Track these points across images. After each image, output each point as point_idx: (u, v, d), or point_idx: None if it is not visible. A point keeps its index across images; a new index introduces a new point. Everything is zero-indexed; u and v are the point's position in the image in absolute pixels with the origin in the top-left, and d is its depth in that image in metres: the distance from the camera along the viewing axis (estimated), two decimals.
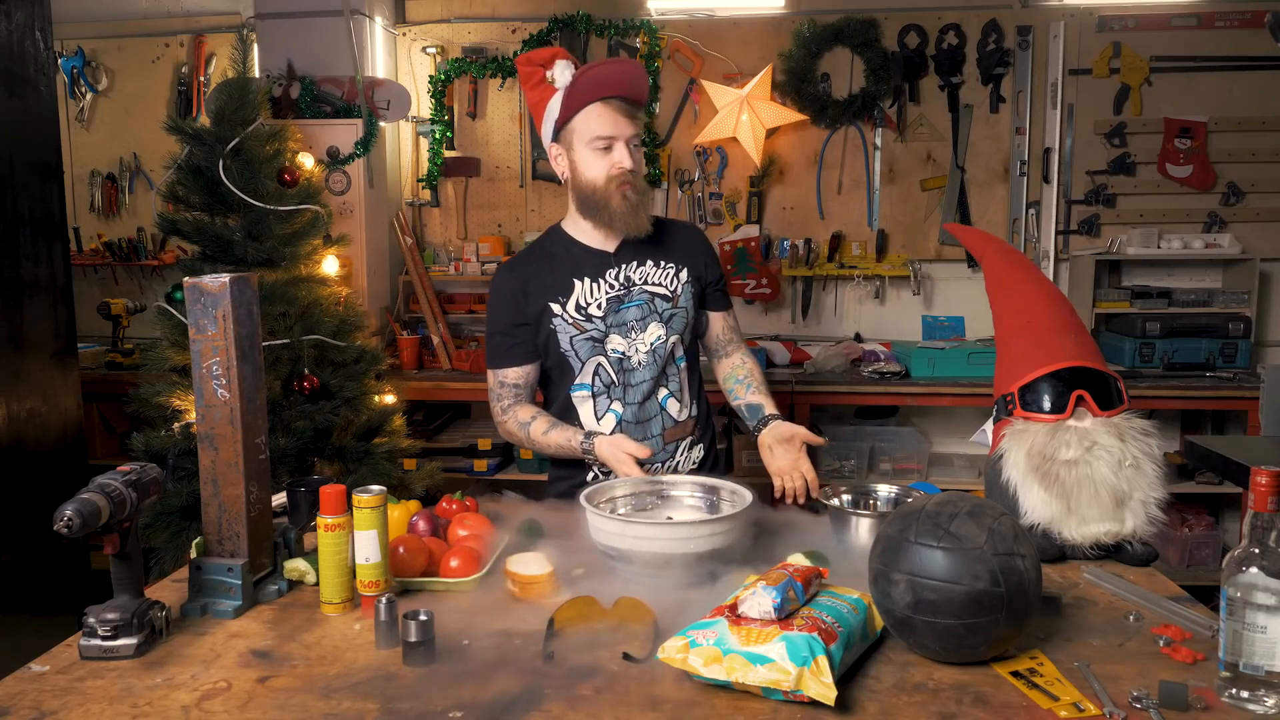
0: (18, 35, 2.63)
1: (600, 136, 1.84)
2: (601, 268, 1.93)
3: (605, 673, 1.14)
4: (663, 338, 1.92)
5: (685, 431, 1.98)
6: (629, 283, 1.93)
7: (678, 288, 1.96)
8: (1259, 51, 3.62)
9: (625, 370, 1.91)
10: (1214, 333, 3.49)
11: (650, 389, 1.92)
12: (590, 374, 1.92)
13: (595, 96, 1.83)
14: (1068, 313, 1.64)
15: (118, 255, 4.02)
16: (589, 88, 1.84)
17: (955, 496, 1.20)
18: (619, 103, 1.84)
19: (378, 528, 1.33)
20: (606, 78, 1.84)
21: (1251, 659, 1.03)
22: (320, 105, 3.60)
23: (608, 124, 1.83)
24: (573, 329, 1.90)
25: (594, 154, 1.86)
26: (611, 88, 1.84)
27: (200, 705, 1.08)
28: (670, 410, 1.95)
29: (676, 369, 1.97)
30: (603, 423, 1.93)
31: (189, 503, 2.58)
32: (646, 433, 1.93)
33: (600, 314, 1.90)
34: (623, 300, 1.92)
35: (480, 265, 3.86)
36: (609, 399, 1.93)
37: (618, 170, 1.85)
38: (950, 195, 3.78)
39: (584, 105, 1.84)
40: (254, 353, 1.39)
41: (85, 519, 1.15)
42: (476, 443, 3.60)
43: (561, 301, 1.91)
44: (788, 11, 3.69)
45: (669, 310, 1.94)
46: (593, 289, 1.92)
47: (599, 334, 1.90)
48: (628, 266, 1.94)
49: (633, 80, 1.87)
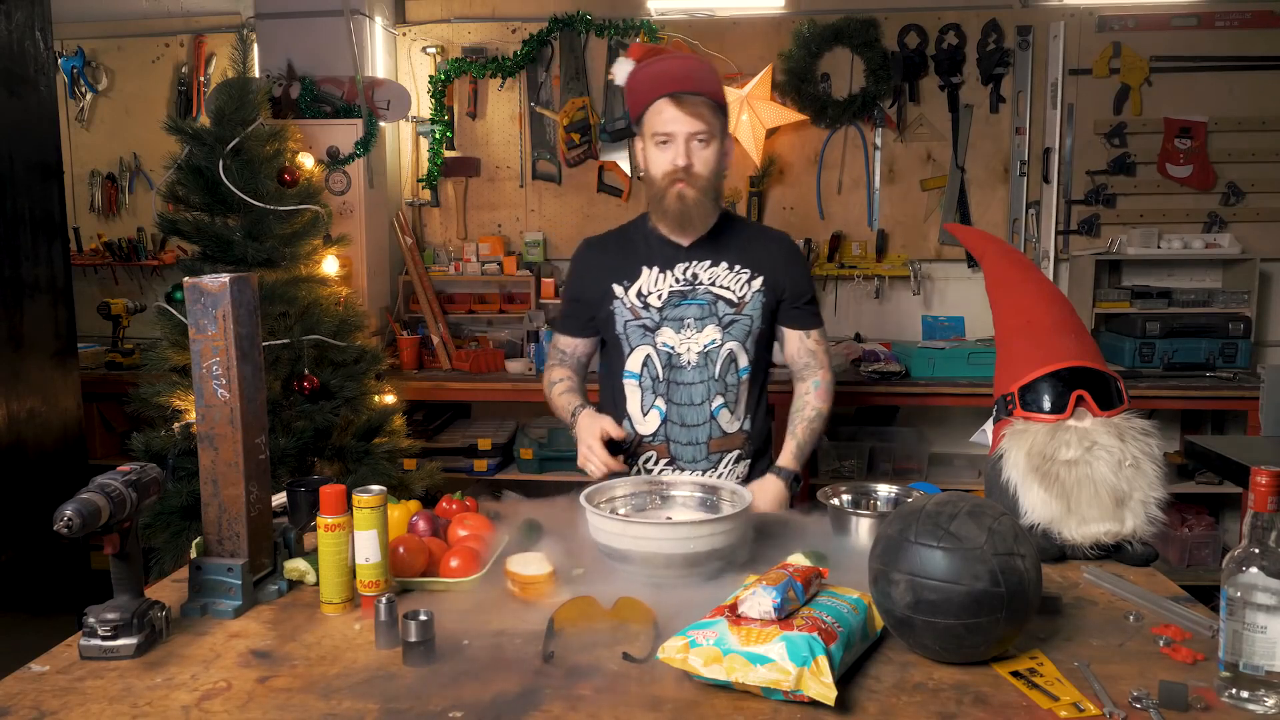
0: (18, 35, 2.63)
1: (660, 133, 1.83)
2: (671, 260, 1.92)
3: (605, 673, 1.14)
4: (718, 342, 1.89)
5: (733, 445, 1.94)
6: (695, 280, 1.91)
7: (747, 294, 1.92)
8: (1259, 51, 3.62)
9: (674, 367, 1.90)
10: (1214, 333, 3.49)
11: (703, 394, 1.89)
12: (639, 363, 1.92)
13: (658, 92, 1.82)
14: (1068, 313, 1.64)
15: (118, 255, 4.02)
16: (650, 83, 1.84)
17: (955, 496, 1.20)
18: (682, 98, 1.80)
19: (378, 528, 1.33)
20: (664, 73, 1.83)
21: (1251, 659, 1.03)
22: (320, 105, 3.60)
23: (667, 120, 1.82)
24: (629, 314, 1.91)
25: (656, 150, 1.85)
26: (671, 83, 1.81)
27: (200, 705, 1.08)
28: (721, 420, 1.91)
29: (737, 379, 1.92)
30: (648, 419, 1.92)
31: (189, 503, 2.58)
32: (693, 438, 1.91)
33: (659, 305, 1.90)
34: (685, 296, 1.90)
35: (480, 265, 3.85)
36: (654, 394, 1.91)
37: (673, 167, 1.82)
38: (950, 195, 3.78)
39: (650, 101, 1.83)
40: (254, 353, 1.39)
41: (85, 519, 1.14)
42: (476, 443, 3.60)
43: (626, 285, 1.92)
44: (788, 11, 3.69)
45: (730, 315, 1.90)
46: (658, 279, 1.91)
47: (651, 323, 1.90)
48: (698, 264, 1.91)
49: (693, 75, 1.84)
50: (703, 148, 1.83)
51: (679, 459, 1.92)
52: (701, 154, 1.83)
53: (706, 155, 1.84)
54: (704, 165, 1.83)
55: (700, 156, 1.83)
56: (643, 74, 1.86)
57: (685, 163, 1.82)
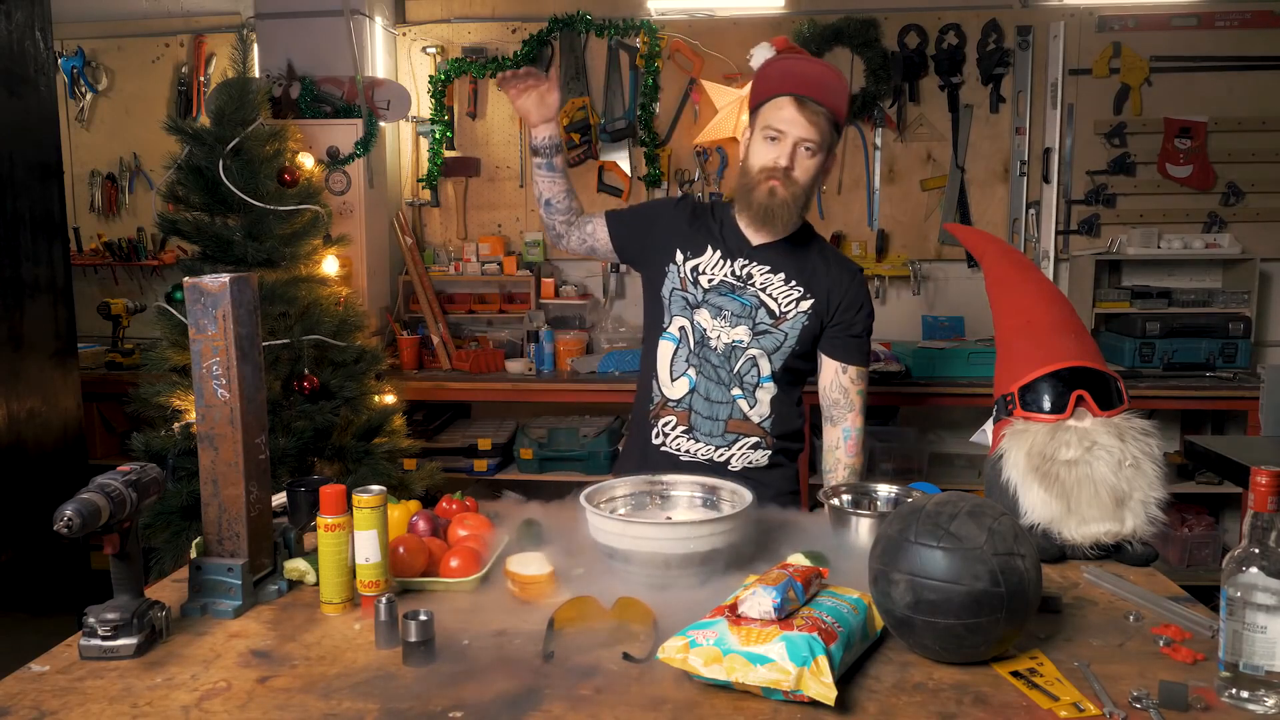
0: (18, 35, 2.63)
1: (773, 128, 1.83)
2: (736, 252, 1.92)
3: (605, 673, 1.14)
4: (744, 343, 1.89)
5: (752, 432, 1.93)
6: (749, 279, 1.91)
7: (791, 311, 1.90)
8: (1259, 51, 3.62)
9: (705, 346, 1.91)
10: (1214, 333, 3.49)
11: (727, 378, 1.91)
12: (678, 328, 1.93)
13: (785, 90, 1.82)
14: (1068, 313, 1.64)
15: (118, 255, 4.02)
16: (781, 77, 1.84)
17: (955, 496, 1.20)
18: (806, 102, 1.80)
19: (378, 528, 1.33)
20: (798, 72, 1.84)
21: (1251, 659, 1.03)
22: (320, 105, 3.60)
23: (785, 118, 1.81)
24: (677, 283, 1.93)
25: (763, 143, 1.85)
26: (802, 85, 1.81)
27: (200, 705, 1.08)
28: (741, 406, 1.92)
29: (755, 383, 1.91)
30: (677, 384, 1.93)
31: (189, 503, 2.58)
32: (714, 414, 1.91)
33: (706, 287, 1.91)
34: (732, 290, 1.91)
35: (480, 265, 3.85)
36: (687, 362, 1.92)
37: (773, 164, 1.82)
38: (950, 195, 3.78)
39: (774, 94, 1.83)
40: (254, 353, 1.39)
41: (85, 519, 1.14)
42: (476, 443, 3.60)
43: (688, 254, 1.93)
44: (788, 11, 3.69)
45: (765, 325, 1.89)
46: (716, 264, 1.92)
47: (694, 300, 1.91)
48: (758, 266, 1.91)
49: (823, 83, 1.83)
50: (809, 156, 1.83)
51: (697, 430, 1.93)
52: (805, 161, 1.83)
53: (810, 164, 1.84)
54: (804, 172, 1.84)
55: (803, 163, 1.83)
56: (778, 65, 1.86)
57: (787, 164, 1.82)
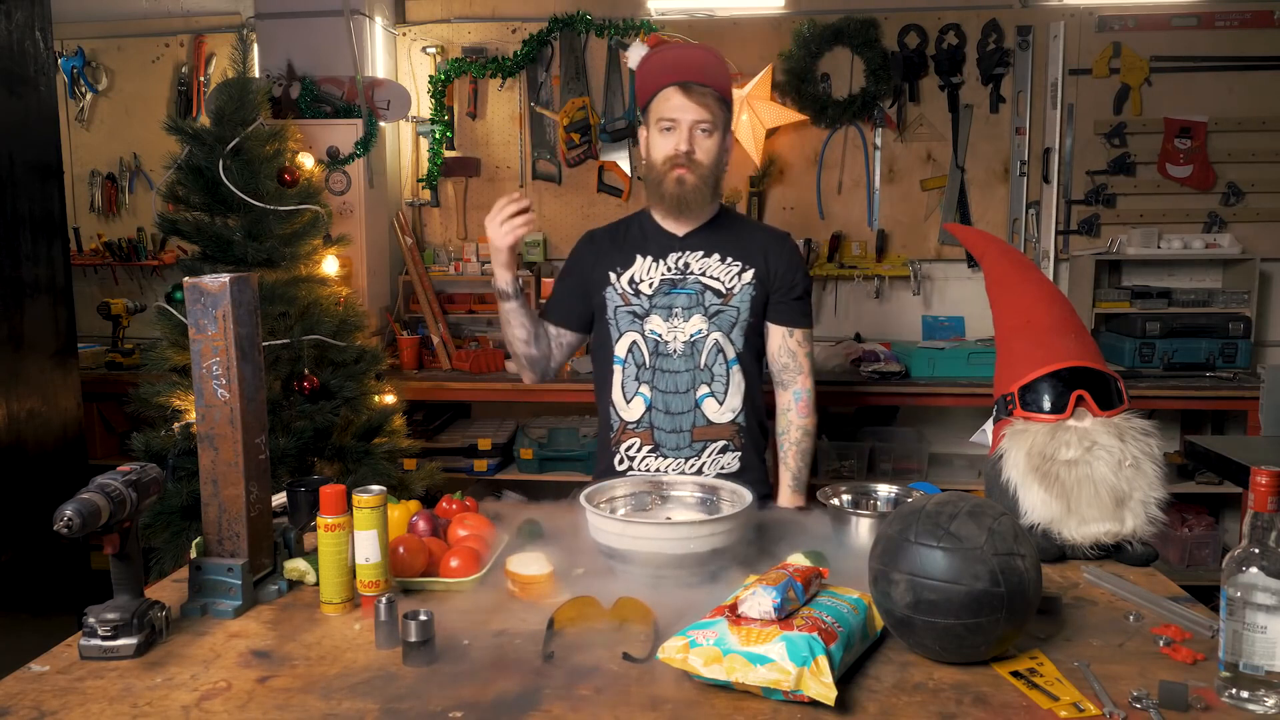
0: (18, 35, 2.63)
1: (665, 118, 1.87)
2: (665, 249, 1.95)
3: (605, 673, 1.14)
4: (703, 331, 1.91)
5: (720, 435, 1.94)
6: (686, 269, 1.94)
7: (736, 286, 1.94)
8: (1259, 51, 3.62)
9: (660, 355, 1.92)
10: (1214, 333, 3.49)
11: (688, 383, 1.91)
12: (625, 349, 1.94)
13: (667, 80, 1.86)
14: (1068, 313, 1.64)
15: (118, 255, 4.02)
16: (661, 70, 1.88)
17: (955, 496, 1.20)
18: (690, 87, 1.85)
19: (378, 528, 1.33)
20: (676, 61, 1.88)
21: (1251, 659, 1.03)
22: (320, 105, 3.59)
23: (674, 107, 1.86)
24: (619, 300, 1.95)
25: (660, 136, 1.89)
26: (682, 72, 1.86)
27: (200, 705, 1.08)
28: (706, 410, 1.92)
29: (725, 369, 1.93)
30: (632, 405, 1.94)
31: (189, 503, 2.58)
32: (677, 425, 1.92)
33: (649, 292, 1.93)
34: (675, 285, 1.93)
35: (480, 265, 3.85)
36: (638, 381, 1.93)
37: (674, 152, 1.86)
38: (950, 195, 3.78)
39: (659, 88, 1.87)
40: (254, 353, 1.39)
41: (85, 519, 1.14)
42: (476, 443, 3.60)
43: (619, 272, 1.96)
44: (788, 11, 3.69)
45: (717, 306, 1.93)
46: (650, 267, 1.95)
47: (641, 310, 1.93)
48: (691, 254, 1.95)
49: (702, 65, 1.88)
50: (705, 137, 1.87)
51: (662, 446, 1.93)
52: (704, 143, 1.87)
53: (708, 145, 1.88)
54: (705, 154, 1.88)
55: (702, 145, 1.87)
56: (655, 60, 1.91)
57: (687, 148, 1.86)
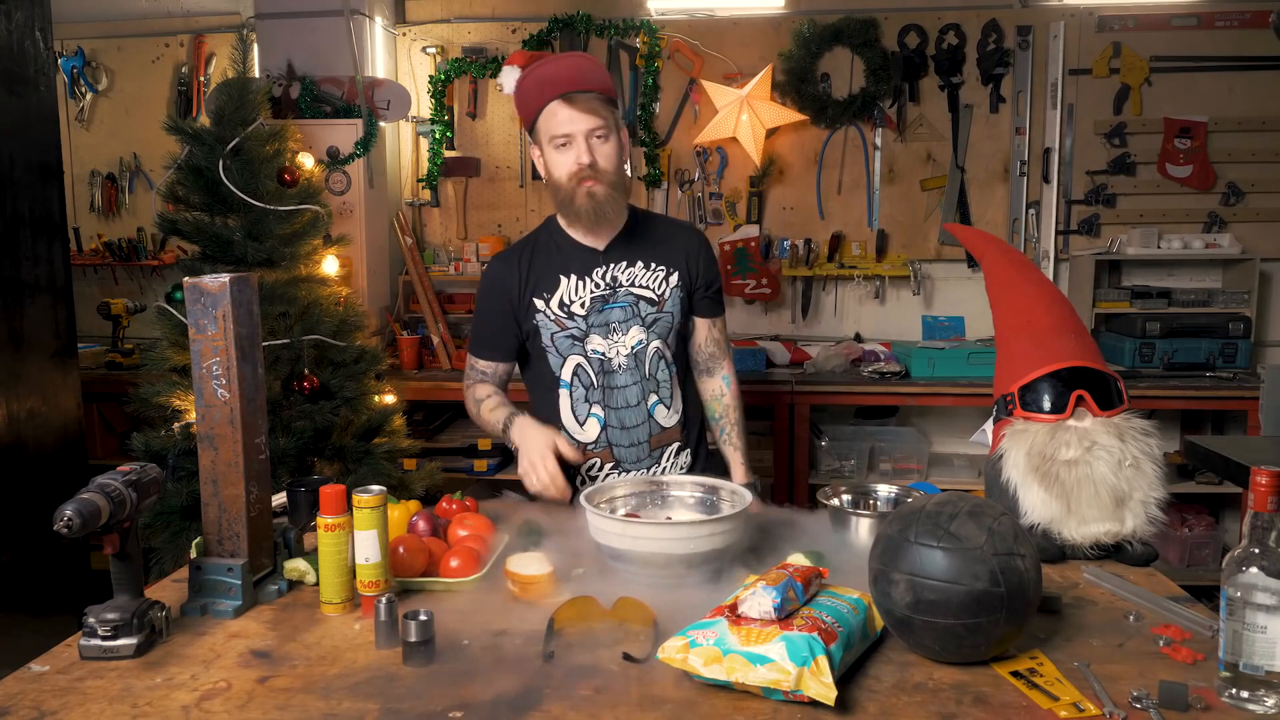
0: (18, 35, 2.63)
1: (557, 135, 1.81)
2: (589, 266, 1.91)
3: (605, 673, 1.14)
4: (643, 341, 1.90)
5: (672, 437, 1.96)
6: (615, 283, 1.91)
7: (665, 291, 1.93)
8: (1259, 51, 3.62)
9: (606, 372, 1.89)
10: (1214, 333, 3.49)
11: (638, 395, 1.90)
12: (570, 372, 1.91)
13: (549, 95, 1.80)
14: (1068, 313, 1.64)
15: (118, 255, 4.02)
16: (540, 87, 1.81)
17: (955, 496, 1.20)
18: (574, 97, 1.79)
19: (378, 528, 1.33)
20: (552, 75, 1.81)
21: (1251, 659, 1.03)
22: (320, 105, 3.59)
23: (563, 121, 1.80)
24: (554, 325, 1.90)
25: (556, 153, 1.83)
26: (561, 84, 1.80)
27: (200, 705, 1.08)
28: (658, 417, 1.93)
29: (668, 375, 1.94)
30: (586, 427, 1.91)
31: (189, 503, 2.58)
32: (634, 439, 1.91)
33: (583, 313, 1.89)
34: (607, 300, 1.90)
35: (480, 265, 3.85)
36: (588, 403, 1.91)
37: (577, 167, 1.80)
38: (950, 195, 3.78)
39: (542, 105, 1.82)
40: (254, 353, 1.39)
41: (85, 519, 1.15)
42: (476, 443, 3.60)
43: (546, 297, 1.90)
44: (788, 11, 3.69)
45: (653, 314, 1.91)
46: (578, 287, 1.90)
47: (579, 332, 1.89)
48: (616, 266, 1.91)
49: (581, 72, 1.82)
50: (603, 143, 1.82)
51: (623, 461, 1.92)
52: (603, 149, 1.82)
53: (608, 150, 1.82)
54: (607, 160, 1.82)
55: (602, 152, 1.82)
56: (530, 79, 1.83)
57: (589, 159, 1.80)
